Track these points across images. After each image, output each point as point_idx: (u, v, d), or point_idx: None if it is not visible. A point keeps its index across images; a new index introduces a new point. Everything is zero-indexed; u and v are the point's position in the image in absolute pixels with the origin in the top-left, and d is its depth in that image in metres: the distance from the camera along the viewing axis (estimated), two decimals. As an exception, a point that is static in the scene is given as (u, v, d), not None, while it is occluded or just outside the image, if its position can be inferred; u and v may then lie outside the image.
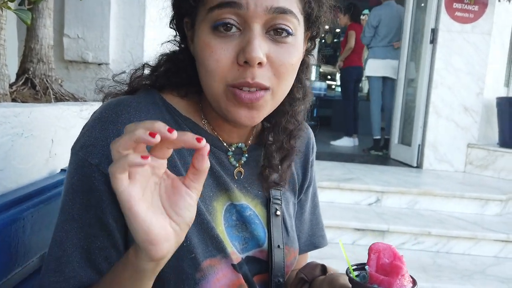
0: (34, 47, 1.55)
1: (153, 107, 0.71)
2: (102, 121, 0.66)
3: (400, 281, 0.58)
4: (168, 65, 0.76)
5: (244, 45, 0.62)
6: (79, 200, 0.64)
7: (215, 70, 0.64)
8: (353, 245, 2.86)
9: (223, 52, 0.63)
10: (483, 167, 4.24)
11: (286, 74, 0.67)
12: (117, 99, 0.70)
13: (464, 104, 4.30)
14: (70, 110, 1.14)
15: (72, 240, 0.63)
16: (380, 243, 0.63)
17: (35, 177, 0.97)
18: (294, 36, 0.66)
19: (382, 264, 0.61)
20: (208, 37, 0.64)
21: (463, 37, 4.25)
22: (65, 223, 0.64)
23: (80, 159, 0.64)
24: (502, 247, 2.88)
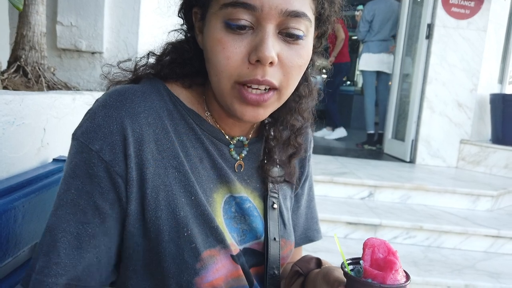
0: (26, 34, 1.52)
1: (158, 96, 0.70)
2: (106, 107, 0.65)
3: (393, 276, 0.59)
4: (173, 55, 0.76)
5: (256, 44, 0.62)
6: (74, 186, 0.63)
7: (225, 67, 0.64)
8: (345, 238, 2.87)
9: (235, 50, 0.63)
10: (475, 163, 4.27)
11: (295, 75, 0.67)
12: (122, 87, 0.69)
13: (458, 100, 4.32)
14: (62, 98, 1.13)
15: (63, 225, 0.62)
16: (374, 239, 0.63)
17: (26, 166, 0.95)
18: (306, 37, 0.66)
19: (377, 259, 0.61)
20: (220, 33, 0.63)
21: (459, 33, 4.25)
22: (58, 208, 0.63)
23: (80, 145, 0.64)
24: (492, 243, 2.91)
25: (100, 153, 0.63)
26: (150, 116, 0.67)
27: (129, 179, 0.64)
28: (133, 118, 0.65)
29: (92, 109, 0.67)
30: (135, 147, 0.64)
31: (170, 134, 0.69)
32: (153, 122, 0.67)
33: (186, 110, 0.73)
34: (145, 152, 0.65)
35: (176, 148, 0.68)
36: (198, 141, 0.73)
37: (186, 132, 0.72)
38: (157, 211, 0.65)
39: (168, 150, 0.68)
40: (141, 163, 0.65)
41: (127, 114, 0.65)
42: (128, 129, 0.64)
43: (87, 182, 0.63)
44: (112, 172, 0.63)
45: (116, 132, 0.64)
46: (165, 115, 0.70)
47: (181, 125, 0.71)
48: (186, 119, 0.72)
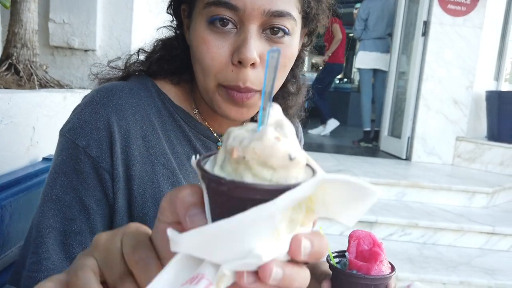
0: (18, 32, 1.51)
1: (145, 93, 0.70)
2: (93, 104, 0.65)
3: (378, 267, 0.59)
4: (162, 52, 0.76)
5: (239, 45, 0.62)
6: (60, 182, 0.63)
7: (210, 67, 0.64)
8: (341, 236, 2.88)
9: (218, 51, 0.63)
10: (471, 160, 4.28)
11: (279, 75, 0.67)
12: (110, 84, 0.70)
13: (453, 97, 4.33)
14: (53, 97, 1.12)
15: (49, 221, 0.62)
16: (360, 231, 0.64)
17: (15, 165, 0.94)
18: (290, 36, 0.66)
19: (362, 250, 0.62)
20: (204, 32, 0.64)
21: (455, 30, 4.25)
22: (44, 204, 0.63)
23: (67, 141, 0.63)
24: (488, 239, 2.92)
25: (87, 149, 0.62)
26: (137, 112, 0.67)
27: (115, 175, 0.63)
28: (120, 114, 0.65)
29: (79, 106, 0.67)
30: (122, 144, 0.64)
31: (158, 131, 0.69)
32: (140, 118, 0.67)
33: (174, 107, 0.72)
34: (132, 148, 0.65)
35: (163, 145, 0.68)
36: (185, 138, 0.72)
37: (173, 129, 0.71)
38: (144, 208, 0.65)
39: (155, 147, 0.68)
40: (128, 159, 0.65)
41: (113, 110, 0.65)
42: (115, 125, 0.64)
43: (73, 178, 0.62)
44: (99, 168, 0.63)
45: (103, 128, 0.63)
46: (153, 112, 0.70)
47: (168, 123, 0.71)
48: (174, 116, 0.72)
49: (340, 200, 0.32)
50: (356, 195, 0.31)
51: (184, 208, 0.33)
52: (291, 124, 0.33)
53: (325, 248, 0.33)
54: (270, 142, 0.30)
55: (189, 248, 0.30)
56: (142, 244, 0.36)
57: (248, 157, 0.30)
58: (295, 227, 0.31)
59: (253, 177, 0.30)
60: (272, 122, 0.32)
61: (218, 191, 0.30)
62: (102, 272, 0.37)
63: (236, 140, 0.31)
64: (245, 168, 0.30)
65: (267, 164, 0.30)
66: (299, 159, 0.31)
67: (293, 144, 0.31)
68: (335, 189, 0.31)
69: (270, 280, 0.30)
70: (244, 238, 0.30)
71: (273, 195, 0.29)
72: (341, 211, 0.33)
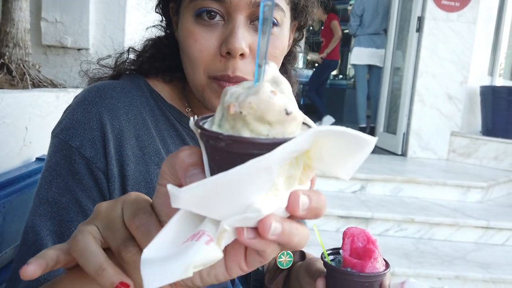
0: (10, 31, 1.49)
1: (138, 92, 0.70)
2: (85, 103, 0.64)
3: (372, 264, 0.59)
4: (153, 50, 0.75)
5: (227, 36, 0.62)
6: (55, 184, 0.62)
7: (198, 60, 0.63)
8: (337, 232, 2.88)
9: (206, 43, 0.62)
10: (465, 155, 4.30)
11: None
12: (101, 83, 0.69)
13: (448, 92, 4.34)
14: (45, 96, 1.11)
15: (46, 224, 0.61)
16: (354, 228, 0.64)
17: (8, 166, 0.94)
18: (279, 27, 0.65)
19: (356, 248, 0.62)
20: (191, 25, 0.63)
21: (449, 25, 4.26)
22: (39, 206, 0.62)
23: (60, 142, 0.63)
24: (482, 234, 2.94)
25: (81, 149, 0.62)
26: (130, 112, 0.67)
27: (110, 175, 0.63)
28: (113, 114, 0.64)
29: (71, 106, 0.66)
30: (115, 143, 0.64)
31: (151, 131, 0.68)
32: (133, 118, 0.67)
33: (166, 106, 0.72)
34: (125, 148, 0.64)
35: (157, 145, 0.68)
36: (179, 137, 0.72)
37: (167, 128, 0.71)
38: None
39: (149, 147, 0.67)
40: (122, 159, 0.64)
41: (106, 110, 0.64)
42: (108, 125, 0.63)
43: (69, 179, 0.62)
44: (94, 169, 0.62)
45: (96, 128, 0.63)
46: (146, 111, 0.69)
47: (162, 122, 0.71)
48: (167, 115, 0.71)
49: (337, 153, 0.32)
50: (352, 146, 0.31)
51: (184, 169, 0.33)
52: (288, 82, 0.33)
53: (323, 204, 0.32)
54: (266, 96, 0.29)
55: (189, 204, 0.30)
56: (142, 210, 0.36)
57: (245, 112, 0.29)
58: (293, 183, 0.32)
59: (250, 133, 0.30)
60: (268, 78, 0.32)
61: (216, 148, 0.30)
62: (104, 239, 0.37)
63: (233, 96, 0.31)
64: (242, 124, 0.30)
65: (263, 119, 0.30)
66: (296, 114, 0.31)
67: (290, 99, 0.31)
68: (331, 142, 0.31)
69: (269, 235, 0.30)
70: (242, 192, 0.30)
71: (270, 149, 0.29)
72: (337, 164, 0.33)
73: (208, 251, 0.30)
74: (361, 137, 0.31)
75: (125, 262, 0.37)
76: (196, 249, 0.30)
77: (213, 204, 0.30)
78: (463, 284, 2.45)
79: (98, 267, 0.35)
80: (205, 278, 0.37)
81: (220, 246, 0.31)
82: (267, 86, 0.30)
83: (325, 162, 0.32)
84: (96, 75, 0.76)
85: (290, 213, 0.32)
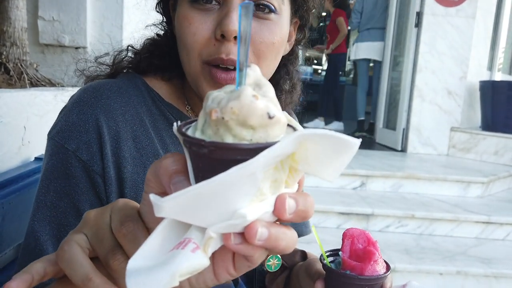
0: (7, 30, 1.48)
1: (135, 91, 0.68)
2: (80, 105, 0.63)
3: (372, 266, 0.58)
4: (152, 48, 0.74)
5: (221, 18, 0.61)
6: (53, 188, 0.61)
7: (192, 44, 0.62)
8: (337, 229, 2.88)
9: (200, 26, 0.61)
10: (465, 150, 4.30)
11: (267, 53, 0.64)
12: (97, 82, 0.67)
13: (447, 88, 4.33)
14: (43, 95, 1.10)
15: (45, 229, 0.60)
16: (354, 229, 0.62)
17: (7, 166, 0.93)
18: (278, 14, 0.64)
19: (356, 249, 0.61)
20: (187, 10, 0.62)
21: (447, 20, 4.25)
22: (38, 211, 0.61)
23: (56, 145, 0.62)
24: (483, 229, 2.94)
25: (77, 152, 0.60)
26: (127, 112, 0.65)
27: (107, 178, 0.62)
28: (109, 115, 0.63)
29: (66, 107, 0.65)
30: (112, 145, 0.62)
31: (149, 131, 0.67)
32: (130, 118, 0.65)
33: (165, 105, 0.71)
34: (122, 150, 0.63)
35: (155, 146, 0.66)
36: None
37: (165, 128, 0.70)
38: None
39: (147, 148, 0.66)
40: (119, 161, 0.63)
41: (102, 111, 0.63)
42: (104, 127, 0.62)
43: (66, 183, 0.61)
44: (90, 172, 0.61)
45: (92, 130, 0.62)
46: (144, 111, 0.68)
47: (160, 121, 0.69)
48: (165, 114, 0.70)
49: (322, 156, 0.32)
50: (337, 149, 0.31)
51: (168, 176, 0.32)
52: (270, 84, 0.33)
53: (310, 206, 0.32)
54: (247, 101, 0.29)
55: (173, 212, 0.30)
56: (130, 217, 0.36)
57: (227, 118, 0.29)
58: (279, 187, 0.31)
59: (233, 138, 0.29)
60: (250, 82, 0.32)
61: (199, 154, 0.30)
62: (93, 247, 0.37)
63: (214, 101, 0.30)
64: (225, 130, 0.29)
65: (246, 124, 0.29)
66: (279, 117, 0.30)
67: (273, 103, 0.31)
68: (315, 145, 0.31)
69: (256, 240, 0.30)
70: (227, 199, 0.29)
71: (254, 154, 0.28)
72: (323, 166, 0.32)
73: (194, 259, 0.30)
74: (345, 140, 0.30)
75: (112, 271, 0.36)
76: (182, 257, 0.30)
77: (198, 212, 0.30)
78: (465, 279, 2.45)
79: (85, 277, 0.35)
80: (194, 285, 0.36)
81: (206, 253, 0.31)
82: (248, 90, 0.30)
83: (310, 165, 0.32)
84: (93, 74, 0.75)
85: (277, 217, 0.31)
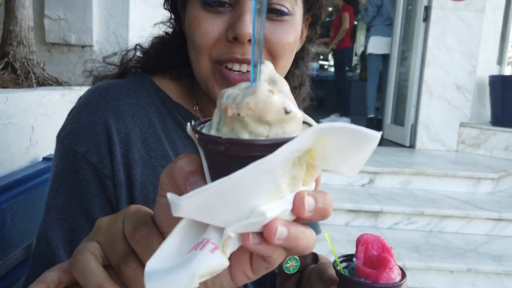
0: (13, 29, 1.48)
1: (144, 92, 0.67)
2: (89, 106, 0.62)
3: (387, 274, 0.56)
4: (160, 47, 0.73)
5: (234, 21, 0.59)
6: (63, 191, 0.60)
7: (201, 44, 0.61)
8: (346, 226, 2.86)
9: (211, 26, 0.60)
10: (475, 145, 4.25)
11: (283, 53, 0.63)
12: (105, 83, 0.66)
13: (456, 82, 4.28)
14: (51, 95, 1.09)
15: (56, 232, 0.60)
16: (369, 234, 0.61)
17: (15, 166, 0.92)
18: (291, 15, 0.63)
19: (370, 256, 0.59)
20: (198, 11, 0.61)
21: (456, 14, 4.19)
22: (49, 214, 0.61)
23: (65, 147, 0.61)
24: (494, 225, 2.90)
25: (87, 155, 0.60)
26: (136, 113, 0.64)
27: (117, 181, 0.61)
28: (118, 117, 0.62)
29: (75, 109, 0.64)
30: (122, 147, 0.61)
31: (159, 132, 0.66)
32: (139, 120, 0.64)
33: (173, 105, 0.69)
34: (132, 152, 0.62)
35: (165, 147, 0.65)
36: (187, 137, 0.70)
37: (175, 128, 0.69)
38: None
39: (156, 150, 0.65)
40: (129, 164, 0.62)
41: (111, 113, 0.62)
42: (113, 129, 0.61)
43: (76, 186, 0.60)
44: (100, 175, 0.60)
45: (101, 132, 0.61)
46: (152, 111, 0.67)
47: (169, 122, 0.68)
48: (174, 114, 0.69)
49: (340, 150, 0.30)
50: (356, 143, 0.30)
51: (183, 177, 0.32)
52: (285, 80, 0.32)
53: (329, 204, 0.31)
54: (264, 96, 0.28)
55: (191, 212, 0.29)
56: (143, 223, 0.35)
57: (243, 114, 0.28)
58: (297, 184, 0.31)
59: (249, 134, 0.29)
60: (265, 78, 0.31)
61: (215, 152, 0.29)
62: (105, 255, 0.36)
63: (229, 98, 0.30)
64: (241, 126, 0.29)
65: (262, 120, 0.29)
66: (295, 113, 0.29)
67: (288, 98, 0.30)
68: (333, 140, 0.30)
69: (275, 240, 0.29)
70: (245, 196, 0.28)
71: (271, 150, 0.28)
72: (342, 162, 0.32)
73: (214, 259, 0.29)
74: (364, 132, 0.29)
75: (125, 278, 0.35)
76: (201, 258, 0.29)
77: (216, 211, 0.29)
78: (475, 277, 2.43)
79: (98, 286, 0.34)
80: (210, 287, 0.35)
81: (225, 253, 0.30)
82: (264, 85, 0.29)
83: (328, 161, 0.31)
84: (101, 73, 0.74)
85: (296, 216, 0.30)
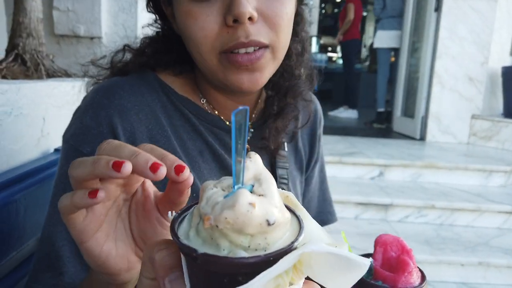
0: (23, 21, 1.47)
1: (148, 88, 0.66)
2: (93, 107, 0.62)
3: (406, 278, 0.53)
4: (156, 45, 0.72)
5: (228, 4, 0.57)
6: (69, 191, 0.59)
7: (202, 39, 0.59)
8: (356, 219, 2.85)
9: (207, 18, 0.58)
10: (487, 138, 4.19)
11: (283, 26, 0.61)
12: (108, 82, 0.66)
13: (468, 74, 4.21)
14: (61, 86, 1.09)
15: (61, 233, 0.59)
16: (388, 235, 0.58)
17: (26, 157, 0.92)
18: None
19: (389, 258, 0.57)
20: (187, 6, 0.59)
21: (468, 4, 4.11)
22: (53, 215, 0.61)
23: (71, 148, 0.61)
24: (506, 219, 2.86)
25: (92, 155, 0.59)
26: (141, 111, 0.63)
27: None
28: (123, 116, 0.62)
29: (80, 108, 0.64)
30: None
31: (166, 129, 0.65)
32: (145, 118, 0.64)
33: (179, 100, 0.68)
34: None
35: (173, 144, 0.65)
36: (196, 132, 0.68)
37: (182, 124, 0.67)
38: None
39: (164, 147, 0.63)
40: None
41: (116, 112, 0.61)
42: (119, 128, 0.61)
43: None
44: None
45: (107, 132, 0.60)
46: (158, 108, 0.66)
47: (176, 118, 0.67)
48: (180, 109, 0.68)
49: (327, 268, 0.29)
50: (344, 266, 0.29)
51: (164, 271, 0.31)
52: (272, 176, 0.30)
53: None
54: (243, 210, 0.27)
55: None
56: None
57: (221, 226, 0.27)
58: None
59: (229, 244, 0.28)
60: (250, 176, 0.30)
61: (192, 262, 0.29)
62: None
63: (208, 204, 0.29)
64: (220, 235, 0.28)
65: (243, 232, 0.28)
66: (279, 222, 0.28)
67: (273, 203, 0.29)
68: (320, 258, 0.29)
69: None
70: None
71: (251, 268, 0.27)
72: (328, 278, 0.30)
73: None
74: (352, 260, 0.28)
75: None
76: None
77: None
78: (487, 270, 2.40)
79: (133, 151, 0.36)
80: None
81: None
82: (244, 198, 0.28)
83: (315, 273, 0.30)
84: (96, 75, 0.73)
85: None
